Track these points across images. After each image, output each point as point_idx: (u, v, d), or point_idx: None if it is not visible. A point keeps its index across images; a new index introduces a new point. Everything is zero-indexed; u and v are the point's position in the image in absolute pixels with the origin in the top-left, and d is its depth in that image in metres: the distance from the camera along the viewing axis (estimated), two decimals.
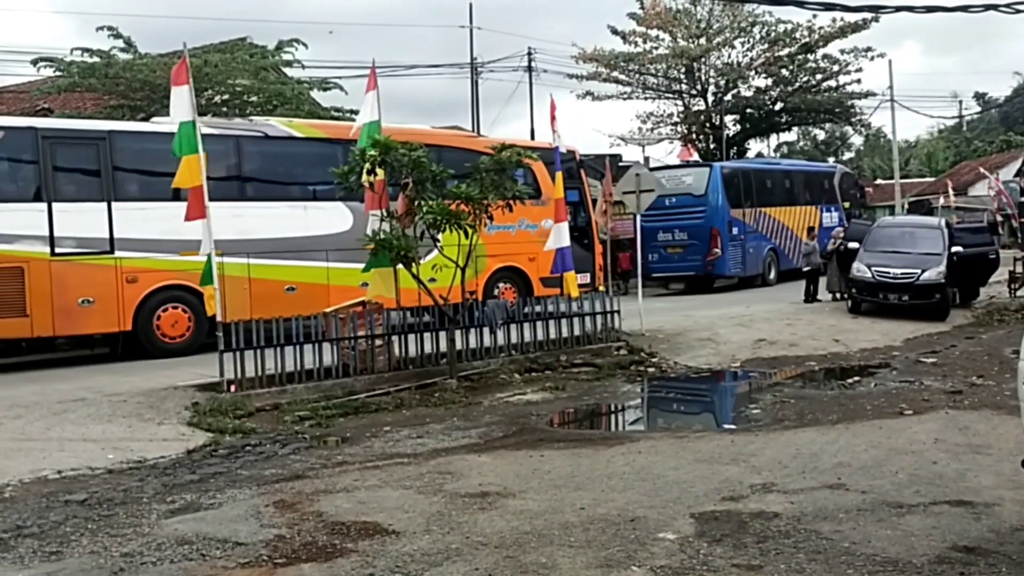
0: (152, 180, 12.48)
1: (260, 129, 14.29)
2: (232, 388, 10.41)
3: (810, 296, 18.15)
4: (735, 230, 22.40)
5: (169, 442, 8.69)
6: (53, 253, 11.35)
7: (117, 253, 12.23)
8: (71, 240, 11.54)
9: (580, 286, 15.60)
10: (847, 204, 27.49)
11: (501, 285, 15.89)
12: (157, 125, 13.37)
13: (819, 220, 24.65)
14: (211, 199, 10.63)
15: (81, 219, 11.73)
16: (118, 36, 16.76)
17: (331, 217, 12.96)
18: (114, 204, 12.30)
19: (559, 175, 13.92)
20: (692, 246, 22.07)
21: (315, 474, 7.36)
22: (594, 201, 18.41)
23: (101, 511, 6.38)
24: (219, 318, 10.83)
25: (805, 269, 18.71)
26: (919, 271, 16.17)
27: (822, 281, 18.46)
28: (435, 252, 12.15)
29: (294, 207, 13.79)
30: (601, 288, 17.30)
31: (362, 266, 11.94)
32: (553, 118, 14.28)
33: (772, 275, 23.36)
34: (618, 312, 14.17)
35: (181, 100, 10.80)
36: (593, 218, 18.16)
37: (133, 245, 12.15)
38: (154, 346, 12.65)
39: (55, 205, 11.66)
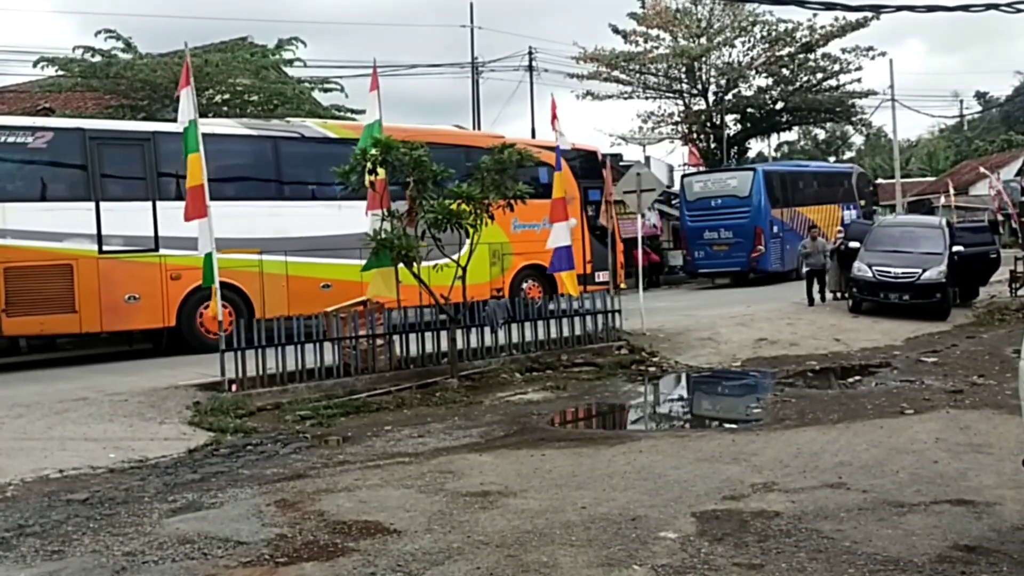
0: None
1: (297, 130, 14.61)
2: (233, 387, 10.43)
3: (812, 299, 17.61)
4: (775, 228, 23.92)
5: (170, 441, 8.70)
6: (101, 251, 11.68)
7: (161, 251, 12.51)
8: (118, 238, 11.82)
9: (601, 283, 17.16)
10: (863, 203, 28.74)
11: (527, 283, 16.16)
12: (199, 126, 13.43)
13: (840, 218, 25.85)
14: (250, 199, 11.21)
15: (127, 218, 12.01)
16: (118, 38, 16.77)
17: (363, 216, 12.98)
18: (158, 203, 12.54)
19: (559, 174, 13.93)
20: (737, 244, 23.58)
21: (316, 473, 7.37)
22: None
23: (103, 510, 6.39)
24: (219, 317, 10.84)
25: (805, 270, 18.14)
26: (920, 270, 16.17)
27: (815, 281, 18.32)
28: (463, 250, 12.55)
29: (329, 206, 13.93)
30: (623, 285, 17.66)
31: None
32: (554, 117, 14.30)
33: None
34: (619, 311, 14.18)
35: (186, 102, 10.86)
36: (615, 217, 18.38)
37: (177, 243, 12.32)
38: (198, 342, 12.78)
39: (102, 204, 11.91)
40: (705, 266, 24.56)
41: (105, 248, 11.24)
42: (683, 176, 27.60)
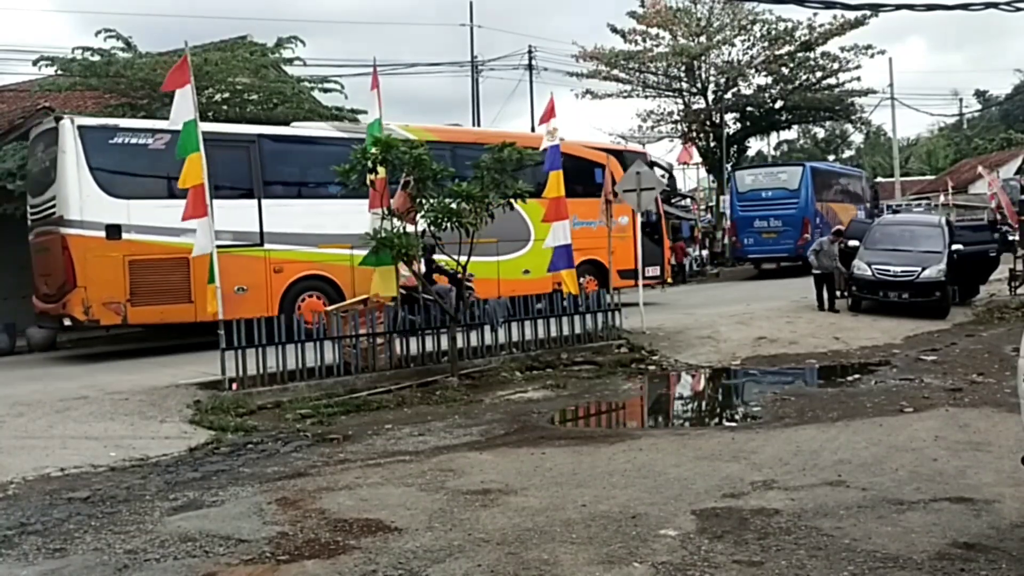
0: (294, 179, 13.49)
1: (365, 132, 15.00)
2: (234, 386, 10.44)
3: (823, 303, 16.70)
4: (817, 220, 26.02)
5: (171, 440, 8.72)
6: (218, 246, 12.04)
7: (266, 246, 13.34)
8: (228, 234, 12.46)
9: (651, 278, 18.58)
10: (867, 204, 31.98)
11: (584, 277, 16.58)
12: (297, 129, 14.86)
13: (855, 215, 28.30)
14: (343, 197, 12.25)
15: (236, 215, 12.78)
16: (118, 37, 16.76)
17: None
18: (263, 201, 13.34)
19: (557, 174, 13.93)
20: (785, 232, 25.94)
21: (317, 472, 7.38)
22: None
23: (104, 508, 6.41)
24: (220, 316, 10.85)
25: (816, 272, 16.95)
26: (919, 269, 16.19)
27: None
28: (529, 246, 14.71)
29: None
30: (670, 280, 19.00)
31: (474, 260, 12.96)
32: (551, 115, 14.28)
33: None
34: (619, 310, 14.19)
35: (184, 101, 10.85)
36: (663, 215, 19.51)
37: (279, 238, 13.17)
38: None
39: (215, 202, 12.21)
40: (754, 252, 26.97)
41: (217, 243, 11.73)
42: (734, 169, 30.95)
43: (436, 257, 12.90)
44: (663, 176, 23.01)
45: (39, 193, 13.50)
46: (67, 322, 12.87)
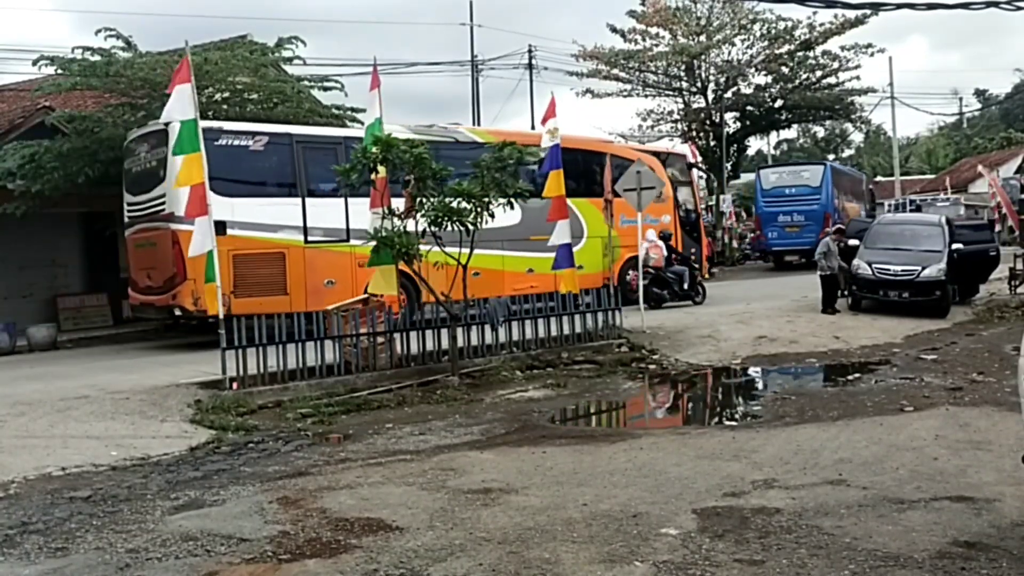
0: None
1: (452, 135, 16.50)
2: (234, 385, 10.44)
3: (828, 305, 16.46)
4: (836, 215, 27.35)
5: (172, 439, 8.72)
6: (306, 241, 13.31)
7: (352, 242, 13.91)
8: (319, 230, 13.37)
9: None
10: (868, 205, 33.97)
11: (631, 272, 17.53)
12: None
13: (859, 214, 29.85)
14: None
15: (325, 213, 13.61)
16: (118, 37, 16.73)
17: (504, 212, 13.56)
18: (349, 200, 13.81)
19: (558, 173, 13.93)
20: (807, 226, 27.36)
21: (318, 471, 7.39)
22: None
23: (106, 507, 6.41)
24: (220, 315, 10.85)
25: (823, 274, 16.55)
26: (919, 268, 16.18)
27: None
28: (583, 243, 15.88)
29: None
30: (706, 276, 20.04)
31: (530, 255, 15.10)
32: (552, 115, 14.28)
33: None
34: (619, 309, 14.20)
35: (181, 99, 10.85)
36: (700, 214, 20.85)
37: (363, 235, 13.36)
38: None
39: (307, 200, 13.42)
40: (778, 245, 28.73)
41: (309, 239, 12.82)
42: (759, 168, 32.54)
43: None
44: (701, 177, 24.16)
45: (142, 191, 14.04)
46: (177, 312, 13.55)
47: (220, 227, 12.74)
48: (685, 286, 17.57)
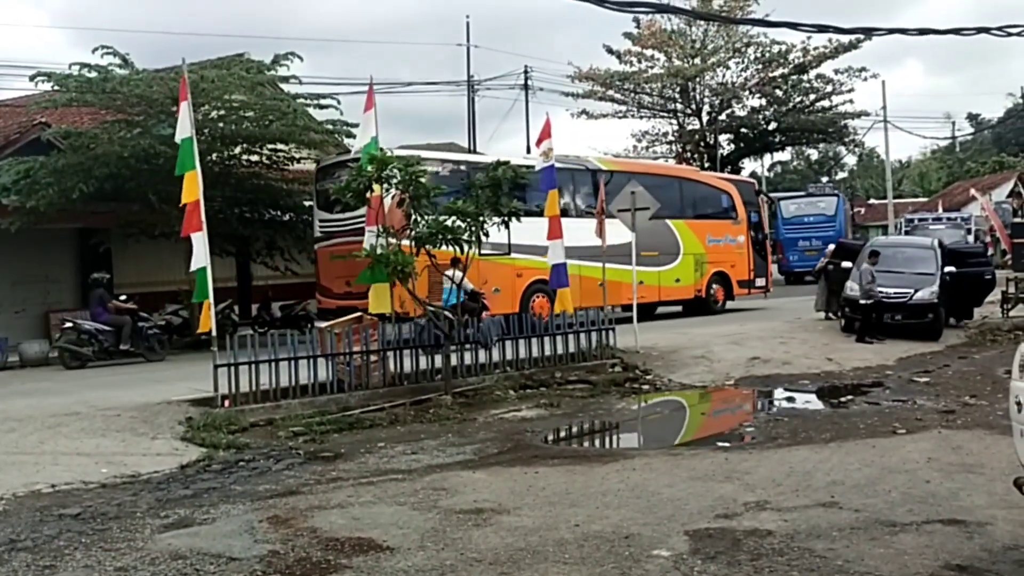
0: (529, 201, 14.95)
1: (584, 163, 19.34)
2: (226, 403, 10.40)
3: (866, 333, 15.86)
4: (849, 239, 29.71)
5: (163, 457, 8.68)
6: (479, 254, 13.80)
7: (512, 255, 16.15)
8: (488, 244, 13.80)
9: (759, 287, 22.23)
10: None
11: (715, 285, 20.42)
12: (528, 159, 17.10)
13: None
14: (564, 217, 14.65)
15: (492, 229, 14.01)
16: (115, 54, 16.78)
17: (620, 231, 16.13)
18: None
19: (554, 193, 14.00)
20: (824, 249, 29.16)
21: (309, 490, 7.35)
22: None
23: (95, 525, 6.37)
24: (213, 332, 10.82)
25: (865, 301, 15.87)
26: (912, 290, 16.23)
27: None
28: (679, 260, 19.25)
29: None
30: (771, 290, 22.50)
31: (640, 268, 16.80)
32: (547, 136, 14.35)
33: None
34: (613, 329, 14.20)
35: (182, 117, 10.93)
36: (767, 235, 23.42)
37: (520, 249, 15.99)
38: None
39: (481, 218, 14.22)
40: (798, 266, 31.87)
41: (482, 252, 13.61)
42: (780, 199, 34.88)
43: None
44: (767, 203, 25.95)
45: (342, 210, 15.20)
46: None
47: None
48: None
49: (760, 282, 22.20)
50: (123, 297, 15.96)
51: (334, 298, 15.98)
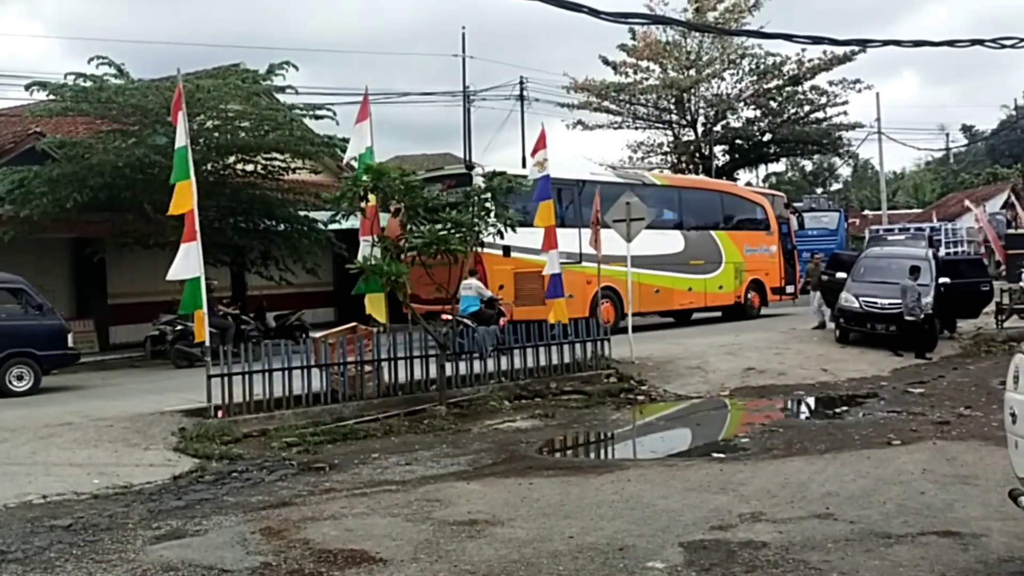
0: (586, 215, 16.36)
1: (642, 178, 21.37)
2: (219, 414, 10.35)
3: (928, 349, 15.92)
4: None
5: (155, 468, 8.63)
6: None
7: (583, 264, 16.92)
8: (564, 254, 15.08)
9: (788, 294, 23.56)
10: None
11: (751, 292, 21.94)
12: (596, 175, 19.82)
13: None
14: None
15: (566, 240, 15.55)
16: (110, 64, 16.78)
17: (674, 241, 19.09)
18: (580, 230, 17.04)
19: (548, 204, 14.00)
20: (827, 262, 30.17)
21: (302, 501, 7.32)
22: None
23: (86, 536, 6.33)
24: (206, 341, 10.79)
25: (913, 318, 15.71)
26: None
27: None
28: (722, 268, 20.75)
29: (659, 234, 19.14)
30: (798, 297, 23.27)
31: (690, 276, 19.80)
32: (542, 147, 14.36)
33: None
34: (608, 339, 14.19)
35: (179, 127, 10.93)
36: (796, 245, 24.72)
37: (588, 258, 16.47)
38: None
39: (559, 231, 15.05)
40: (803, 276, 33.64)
41: (560, 261, 14.66)
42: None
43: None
44: (795, 214, 27.05)
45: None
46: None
47: (506, 251, 16.13)
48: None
49: (789, 289, 23.65)
50: (225, 302, 17.37)
51: (422, 303, 16.40)
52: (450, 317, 13.26)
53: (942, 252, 30.48)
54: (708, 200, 22.00)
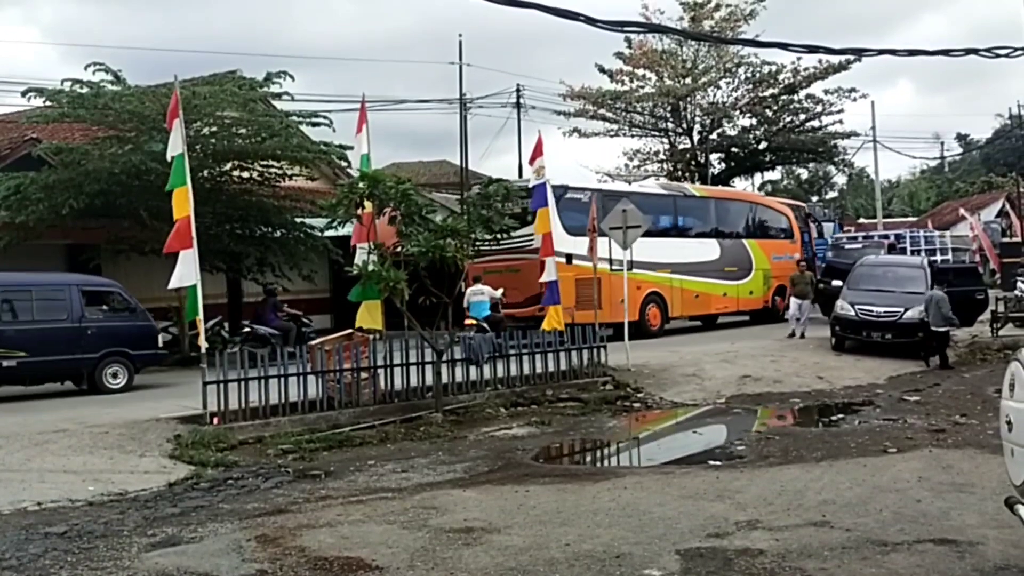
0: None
1: (683, 190, 23.14)
2: (215, 421, 10.33)
3: (945, 360, 15.75)
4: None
5: (150, 474, 8.61)
6: (611, 269, 16.82)
7: (634, 271, 17.34)
8: (617, 261, 16.33)
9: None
10: None
11: (777, 297, 22.72)
12: (643, 187, 21.59)
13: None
14: (662, 236, 19.02)
15: (616, 248, 16.09)
16: (107, 71, 16.80)
17: (712, 249, 20.78)
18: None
19: (544, 211, 14.02)
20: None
21: (298, 508, 7.30)
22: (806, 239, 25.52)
23: (81, 544, 6.30)
24: (203, 348, 10.77)
25: (942, 328, 15.61)
26: (902, 310, 16.28)
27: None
28: (752, 274, 22.08)
29: (699, 242, 21.22)
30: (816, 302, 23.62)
31: (725, 282, 21.41)
32: (539, 154, 14.39)
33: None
34: (604, 346, 14.19)
35: (174, 134, 10.93)
36: (815, 253, 25.30)
37: (638, 265, 17.67)
38: (644, 332, 18.75)
39: (608, 239, 16.03)
40: None
41: (613, 268, 16.43)
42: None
43: None
44: (815, 223, 27.65)
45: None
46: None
47: (568, 258, 17.14)
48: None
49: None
50: (286, 305, 18.10)
51: (512, 308, 17.72)
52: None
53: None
54: (741, 210, 23.47)
